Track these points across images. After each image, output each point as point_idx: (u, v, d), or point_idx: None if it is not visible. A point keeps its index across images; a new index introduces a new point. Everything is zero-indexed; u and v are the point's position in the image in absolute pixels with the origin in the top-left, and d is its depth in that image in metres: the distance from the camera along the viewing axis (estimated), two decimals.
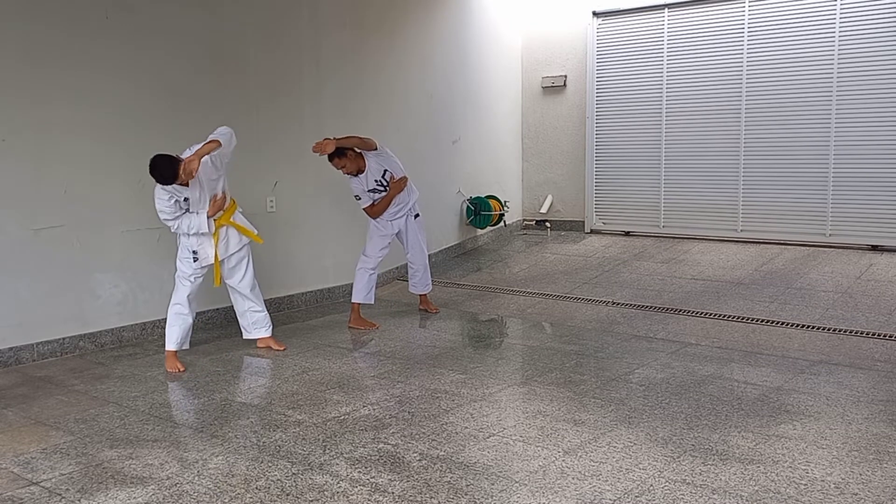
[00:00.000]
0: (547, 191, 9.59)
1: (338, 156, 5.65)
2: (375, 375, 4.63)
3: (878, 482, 3.03)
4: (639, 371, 4.60)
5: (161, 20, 5.51)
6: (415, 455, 3.36)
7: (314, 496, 2.97)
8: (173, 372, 4.73)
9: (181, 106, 5.65)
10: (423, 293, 6.36)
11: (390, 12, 7.48)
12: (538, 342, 5.46)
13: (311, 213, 6.65)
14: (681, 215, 8.63)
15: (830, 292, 6.34)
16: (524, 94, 9.65)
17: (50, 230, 5.01)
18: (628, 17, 8.79)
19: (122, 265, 5.39)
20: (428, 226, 8.09)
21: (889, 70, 7.28)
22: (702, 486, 3.01)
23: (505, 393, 4.24)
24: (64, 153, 5.05)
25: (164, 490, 3.05)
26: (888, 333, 5.31)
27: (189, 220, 4.73)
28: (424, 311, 6.39)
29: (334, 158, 5.67)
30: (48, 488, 3.09)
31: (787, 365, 4.70)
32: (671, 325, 5.72)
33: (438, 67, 8.20)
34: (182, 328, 4.84)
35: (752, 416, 3.78)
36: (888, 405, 3.94)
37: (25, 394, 4.33)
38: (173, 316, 4.84)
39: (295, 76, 6.50)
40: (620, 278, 7.25)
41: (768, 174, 8.01)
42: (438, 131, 8.23)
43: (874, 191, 7.46)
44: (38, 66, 4.89)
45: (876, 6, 7.31)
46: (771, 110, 7.93)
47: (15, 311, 4.87)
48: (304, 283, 6.71)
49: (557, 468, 3.19)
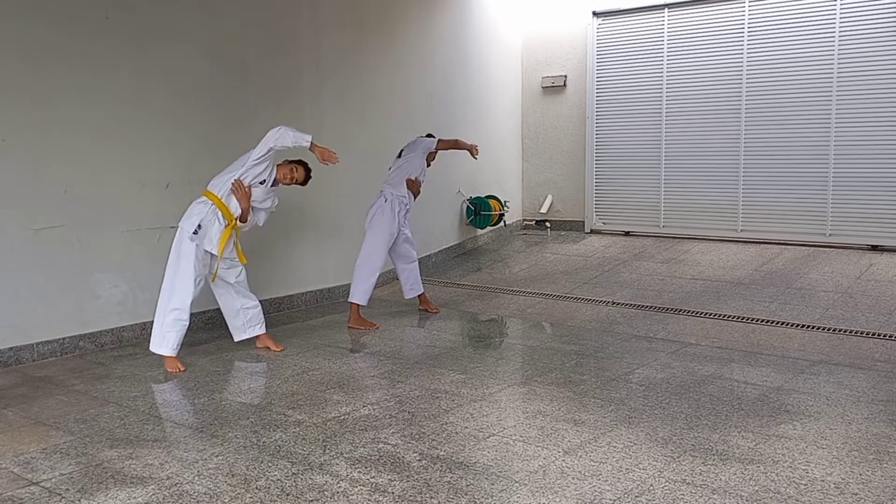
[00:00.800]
0: (547, 191, 9.60)
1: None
2: (375, 375, 4.63)
3: (878, 482, 3.03)
4: (639, 371, 4.60)
5: (161, 20, 5.51)
6: (415, 455, 3.36)
7: (314, 496, 2.97)
8: (174, 371, 4.72)
9: (181, 106, 5.66)
10: (422, 293, 6.35)
11: (390, 12, 7.49)
12: (538, 342, 5.46)
13: (311, 213, 6.65)
14: (681, 215, 8.63)
15: (830, 292, 6.34)
16: (524, 94, 9.66)
17: (50, 230, 5.01)
18: (628, 17, 8.80)
19: (122, 265, 5.39)
20: (428, 226, 8.13)
21: (889, 70, 7.28)
22: (702, 486, 3.00)
23: (505, 393, 4.24)
24: (64, 153, 5.05)
25: (164, 490, 3.05)
26: (888, 333, 5.31)
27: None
28: (425, 310, 6.39)
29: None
30: (48, 488, 3.09)
31: (787, 365, 4.70)
32: (671, 325, 5.72)
33: (438, 67, 8.20)
34: (180, 334, 4.77)
35: (752, 416, 3.78)
36: (888, 405, 3.94)
37: (25, 394, 4.32)
38: (172, 321, 4.73)
39: (295, 76, 6.50)
40: (620, 278, 7.25)
41: (768, 174, 8.01)
42: (438, 131, 8.21)
43: (874, 191, 7.46)
44: (38, 66, 4.89)
45: (876, 6, 7.31)
46: (771, 110, 7.93)
47: (15, 311, 4.87)
48: (304, 283, 6.70)
49: (557, 468, 3.19)
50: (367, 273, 5.89)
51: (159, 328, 4.77)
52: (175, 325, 4.75)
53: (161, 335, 4.76)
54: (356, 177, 7.03)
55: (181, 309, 4.74)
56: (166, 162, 5.58)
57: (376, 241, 5.93)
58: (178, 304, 4.74)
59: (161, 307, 4.79)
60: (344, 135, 6.97)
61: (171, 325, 4.75)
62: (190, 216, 4.83)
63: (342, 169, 6.91)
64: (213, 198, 4.85)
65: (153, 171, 5.52)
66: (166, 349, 4.76)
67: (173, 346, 4.76)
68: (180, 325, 4.76)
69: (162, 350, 4.77)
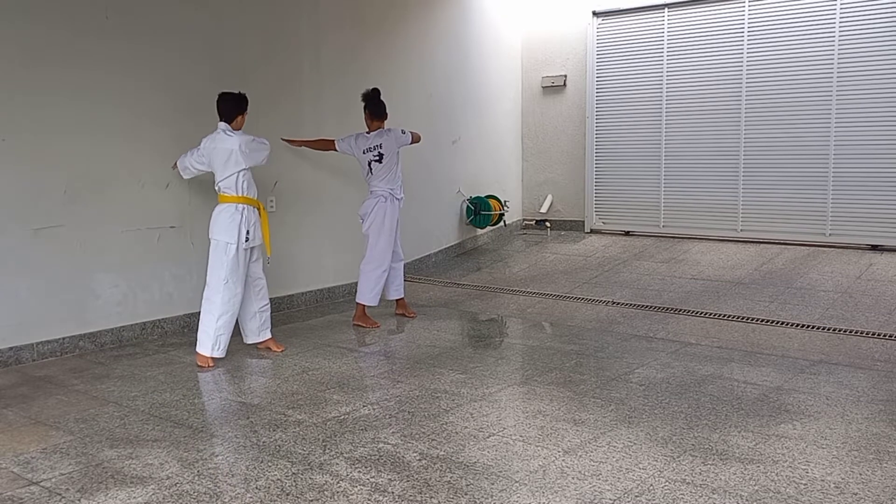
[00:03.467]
0: (547, 191, 9.60)
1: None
2: (375, 375, 4.63)
3: (878, 482, 3.04)
4: (639, 371, 4.60)
5: (161, 20, 5.51)
6: (415, 455, 3.36)
7: (314, 496, 2.97)
8: (204, 366, 4.86)
9: (181, 106, 5.65)
10: (402, 297, 6.30)
11: (390, 12, 7.49)
12: (538, 342, 5.46)
13: (311, 213, 6.65)
14: (681, 215, 8.63)
15: (830, 292, 6.34)
16: (524, 93, 9.66)
17: (50, 230, 5.01)
18: (628, 16, 8.80)
19: (122, 265, 5.39)
20: (428, 226, 8.13)
21: (889, 70, 7.28)
22: (702, 486, 3.01)
23: (505, 393, 4.24)
24: (64, 153, 5.05)
25: (164, 490, 3.05)
26: (888, 333, 5.31)
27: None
28: (402, 315, 6.28)
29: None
30: (48, 488, 3.09)
31: (787, 365, 4.70)
32: (671, 325, 5.72)
33: (438, 67, 8.20)
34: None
35: (752, 416, 3.78)
36: (888, 405, 3.94)
37: (25, 394, 4.32)
38: (230, 318, 4.94)
39: (295, 76, 6.50)
40: (620, 278, 7.25)
41: (768, 174, 8.01)
42: (438, 131, 8.23)
43: (874, 191, 7.46)
44: (38, 67, 4.89)
45: (876, 6, 7.31)
46: (771, 110, 7.93)
47: (15, 311, 4.87)
48: (304, 283, 6.70)
49: (557, 468, 3.19)
50: (378, 274, 5.91)
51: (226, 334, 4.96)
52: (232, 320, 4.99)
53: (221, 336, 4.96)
54: (355, 176, 7.04)
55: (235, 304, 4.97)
56: (166, 162, 5.57)
57: (384, 242, 5.93)
58: (228, 308, 4.93)
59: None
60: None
61: (229, 322, 4.97)
62: (227, 228, 4.90)
63: (341, 169, 6.93)
64: (236, 199, 4.92)
65: (153, 171, 5.52)
66: (216, 350, 4.91)
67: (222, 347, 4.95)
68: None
69: (214, 353, 4.91)
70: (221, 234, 4.88)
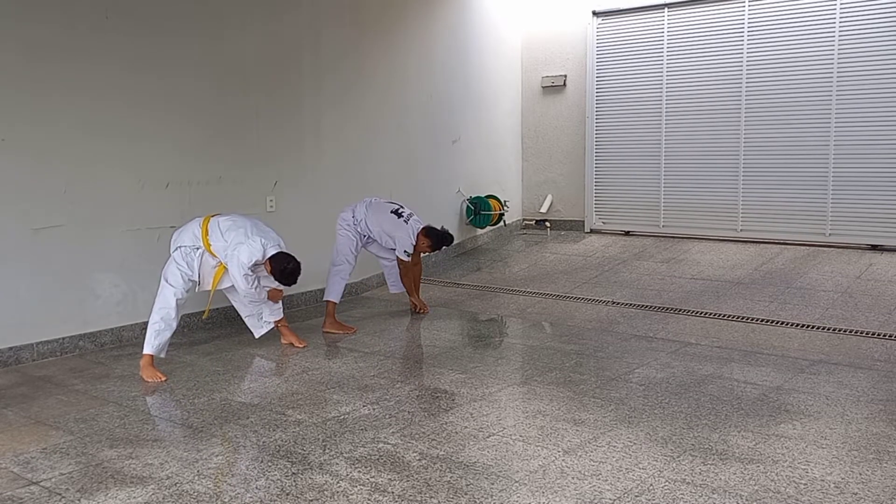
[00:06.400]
0: (547, 190, 9.59)
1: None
2: (375, 375, 4.63)
3: (878, 482, 3.04)
4: (639, 371, 4.60)
5: (161, 19, 5.51)
6: (415, 455, 3.36)
7: (314, 496, 2.97)
8: (152, 382, 4.51)
9: (181, 105, 5.66)
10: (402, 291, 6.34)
11: (390, 12, 7.49)
12: (538, 342, 5.46)
13: (311, 213, 6.65)
14: (681, 215, 8.63)
15: (830, 292, 6.34)
16: (524, 93, 9.65)
17: (50, 230, 5.01)
18: (628, 16, 8.79)
19: (122, 265, 5.39)
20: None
21: (889, 70, 7.28)
22: (702, 486, 3.01)
23: (505, 393, 4.24)
24: (64, 153, 5.05)
25: (163, 490, 3.05)
26: (888, 333, 5.31)
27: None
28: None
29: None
30: (48, 488, 3.09)
31: (786, 364, 4.70)
32: (671, 325, 5.72)
33: (438, 67, 8.20)
34: (167, 334, 4.64)
35: (752, 416, 3.78)
36: (888, 405, 3.94)
37: (25, 393, 4.32)
38: (160, 321, 4.62)
39: (295, 76, 6.50)
40: (620, 278, 7.25)
41: (768, 174, 8.01)
42: (438, 131, 8.23)
43: (874, 191, 7.46)
44: (38, 66, 4.89)
45: (876, 6, 7.31)
46: (771, 110, 7.93)
47: (15, 310, 4.87)
48: (304, 283, 6.67)
49: (557, 468, 3.19)
50: (341, 276, 5.97)
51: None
52: (164, 325, 4.68)
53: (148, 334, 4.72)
54: (354, 176, 7.04)
55: (169, 308, 4.69)
56: (166, 162, 5.58)
57: (349, 244, 5.98)
58: (164, 303, 4.70)
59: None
60: (342, 134, 6.98)
61: (162, 326, 4.68)
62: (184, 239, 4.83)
63: (340, 169, 6.93)
64: (209, 248, 4.81)
65: (153, 170, 5.53)
66: (148, 347, 4.64)
67: (156, 345, 4.65)
68: (167, 325, 4.67)
69: (145, 349, 4.66)
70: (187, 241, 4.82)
